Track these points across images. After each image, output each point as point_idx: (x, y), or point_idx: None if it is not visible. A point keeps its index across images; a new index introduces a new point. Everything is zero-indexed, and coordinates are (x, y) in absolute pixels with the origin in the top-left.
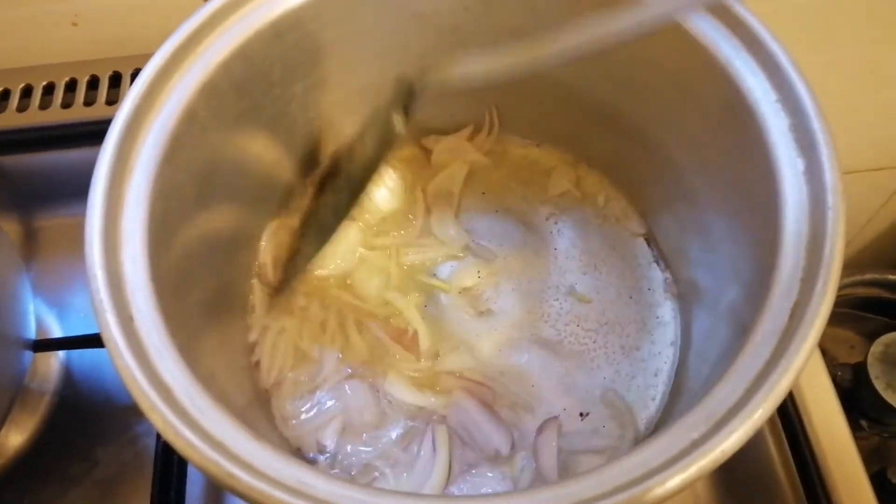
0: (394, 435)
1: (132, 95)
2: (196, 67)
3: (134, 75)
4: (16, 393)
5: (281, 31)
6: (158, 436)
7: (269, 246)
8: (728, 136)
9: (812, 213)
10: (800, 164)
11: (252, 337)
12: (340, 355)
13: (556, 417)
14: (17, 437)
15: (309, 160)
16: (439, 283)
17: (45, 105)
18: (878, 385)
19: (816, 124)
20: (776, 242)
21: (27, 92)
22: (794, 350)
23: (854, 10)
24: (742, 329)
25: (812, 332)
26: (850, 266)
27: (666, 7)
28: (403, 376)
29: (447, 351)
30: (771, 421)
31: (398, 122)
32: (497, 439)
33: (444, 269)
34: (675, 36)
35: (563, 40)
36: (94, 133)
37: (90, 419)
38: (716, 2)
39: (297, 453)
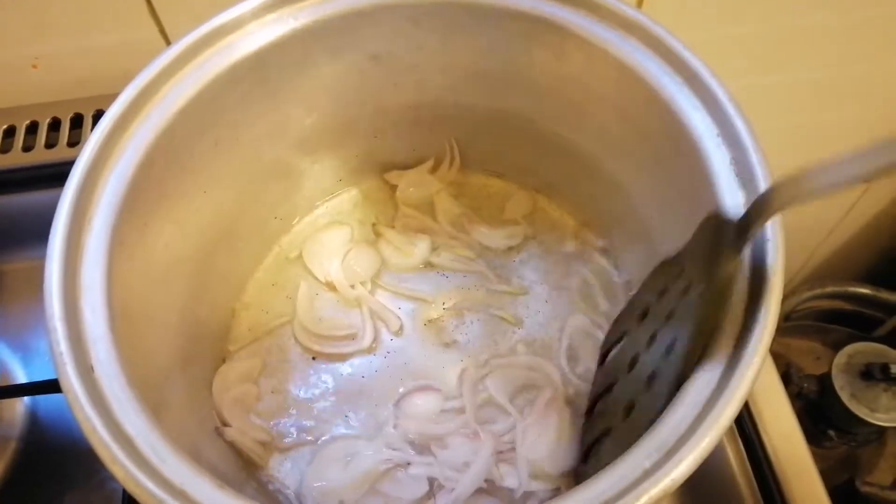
0: None
1: (91, 144)
2: (154, 114)
3: (95, 116)
4: None
5: (240, 75)
6: None
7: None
8: (674, 167)
9: (753, 244)
10: (741, 197)
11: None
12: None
13: None
14: None
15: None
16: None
17: (5, 149)
18: (843, 395)
19: (754, 158)
20: None
21: None
22: (739, 378)
23: (802, 35)
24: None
25: (756, 359)
26: (812, 278)
27: None
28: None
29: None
30: (732, 439)
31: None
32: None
33: (408, 305)
34: (620, 73)
35: None
36: (55, 175)
37: (57, 464)
38: None
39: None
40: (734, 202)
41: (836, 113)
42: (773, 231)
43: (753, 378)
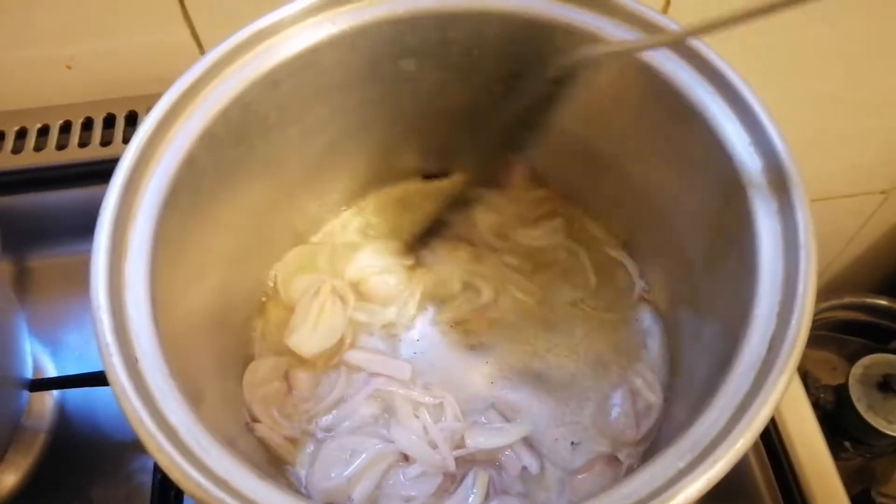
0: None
1: (135, 144)
2: (196, 115)
3: (128, 117)
4: (13, 433)
5: (277, 79)
6: (154, 473)
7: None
8: (706, 177)
9: (786, 250)
10: (773, 205)
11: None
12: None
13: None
14: (11, 477)
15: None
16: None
17: (39, 147)
18: (860, 407)
19: (788, 165)
20: (753, 279)
21: (22, 134)
22: (773, 381)
23: (822, 45)
24: (724, 359)
25: (789, 363)
26: (829, 290)
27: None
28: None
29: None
30: (755, 446)
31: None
32: (526, 458)
33: (434, 309)
34: (653, 83)
35: None
36: (88, 174)
37: (85, 457)
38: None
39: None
40: (766, 210)
41: (853, 122)
42: (805, 238)
43: (787, 382)
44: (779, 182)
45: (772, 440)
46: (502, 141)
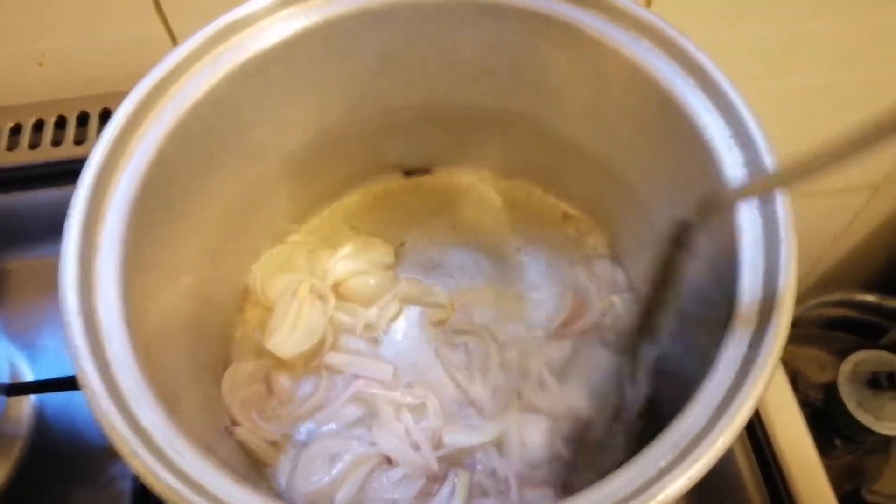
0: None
1: (104, 140)
2: (167, 111)
3: (102, 114)
4: None
5: (250, 73)
6: (134, 479)
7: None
8: (686, 169)
9: (766, 245)
10: (754, 199)
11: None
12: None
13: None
14: None
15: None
16: None
17: (11, 146)
18: (850, 404)
19: (768, 160)
20: (734, 275)
21: None
22: (754, 378)
23: (808, 40)
24: (705, 357)
25: (770, 360)
26: (817, 286)
27: None
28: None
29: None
30: (742, 445)
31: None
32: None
33: (415, 309)
34: (632, 74)
35: None
36: (62, 173)
37: (64, 463)
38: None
39: None
40: (747, 205)
41: (843, 117)
42: (785, 231)
43: (768, 379)
44: (759, 175)
45: (758, 438)
46: None
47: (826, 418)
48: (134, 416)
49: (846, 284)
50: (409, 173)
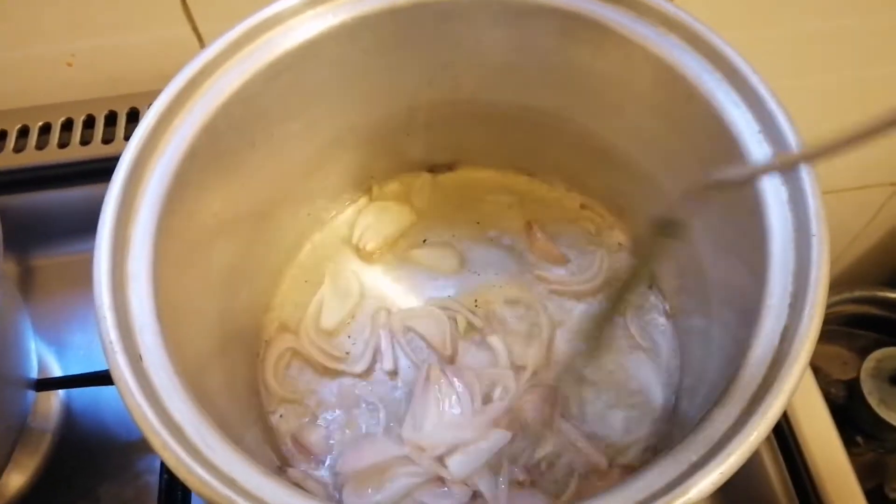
0: None
1: (136, 138)
2: (197, 109)
3: (130, 114)
4: (19, 433)
5: (278, 72)
6: (161, 472)
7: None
8: (715, 166)
9: (797, 239)
10: (783, 194)
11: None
12: None
13: None
14: (18, 478)
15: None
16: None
17: (41, 145)
18: (872, 401)
19: (798, 154)
20: (765, 269)
21: (24, 132)
22: (786, 373)
23: (830, 37)
24: (735, 353)
25: (802, 354)
26: (838, 283)
27: None
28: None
29: None
30: (768, 443)
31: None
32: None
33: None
34: (658, 70)
35: None
36: (90, 172)
37: (91, 457)
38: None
39: None
40: (777, 199)
41: (862, 115)
42: (817, 226)
43: (802, 371)
44: (788, 171)
45: (785, 436)
46: None
47: (848, 415)
48: (166, 410)
49: (867, 281)
50: (433, 170)
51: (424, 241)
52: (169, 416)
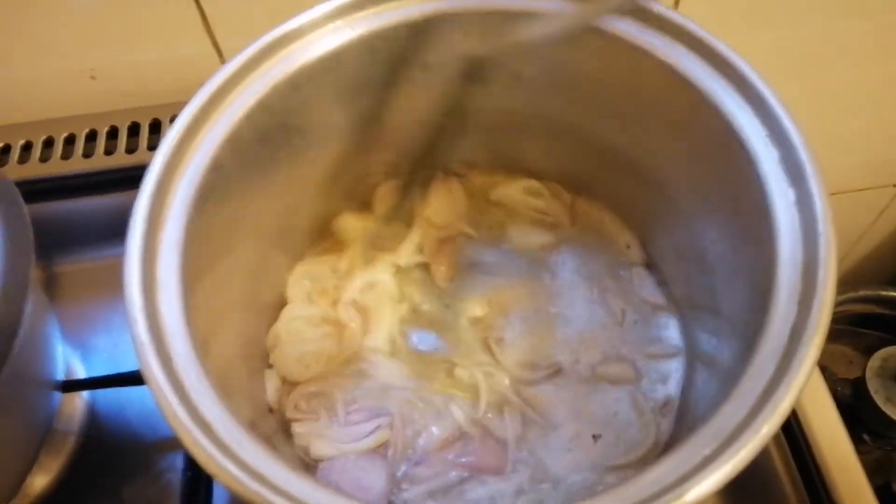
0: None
1: (164, 148)
2: (222, 121)
3: (152, 125)
4: (46, 434)
5: (298, 84)
6: (183, 471)
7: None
8: (722, 170)
9: (805, 239)
10: (791, 195)
11: None
12: None
13: None
14: (42, 479)
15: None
16: None
17: (66, 155)
18: (878, 399)
19: (804, 156)
20: (773, 269)
21: (49, 143)
22: (795, 369)
23: (834, 40)
24: (744, 350)
25: (811, 351)
26: (843, 283)
27: None
28: None
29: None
30: (777, 440)
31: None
32: None
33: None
34: (666, 76)
35: None
36: (114, 181)
37: (115, 458)
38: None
39: None
40: (784, 201)
41: (866, 116)
42: (824, 226)
43: (811, 367)
44: (795, 172)
45: (794, 433)
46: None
47: (854, 414)
48: (196, 409)
49: (872, 281)
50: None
51: None
52: (199, 414)
